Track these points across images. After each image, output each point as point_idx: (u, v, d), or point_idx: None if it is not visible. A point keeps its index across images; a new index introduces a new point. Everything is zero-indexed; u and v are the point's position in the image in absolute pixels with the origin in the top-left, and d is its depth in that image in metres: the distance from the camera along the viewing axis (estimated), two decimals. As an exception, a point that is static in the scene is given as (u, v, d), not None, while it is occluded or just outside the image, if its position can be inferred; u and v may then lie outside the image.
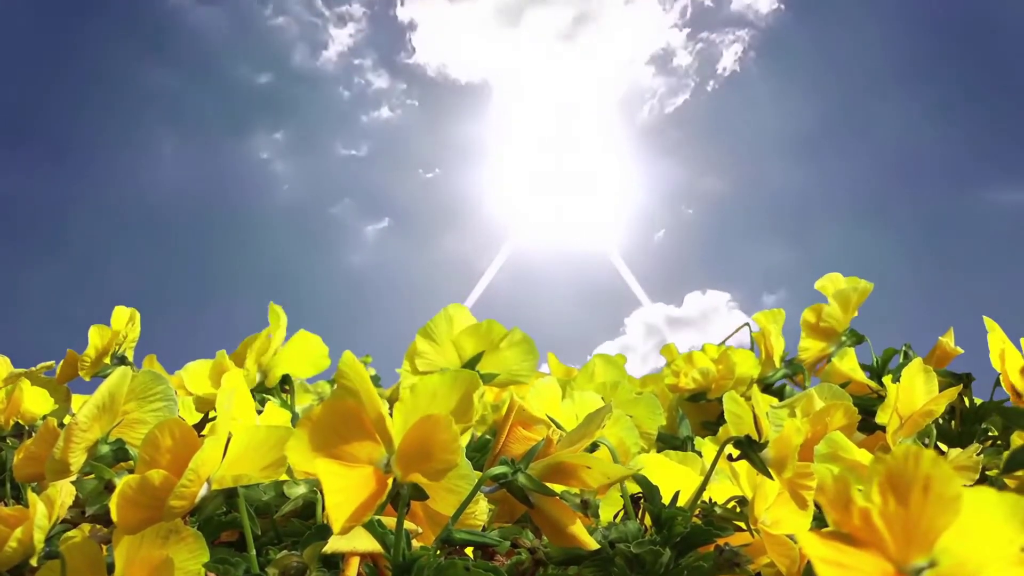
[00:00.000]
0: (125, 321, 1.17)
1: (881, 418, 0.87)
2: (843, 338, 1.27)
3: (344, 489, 0.57)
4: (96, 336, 1.14)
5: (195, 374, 1.19)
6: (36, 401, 1.10)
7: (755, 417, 0.72)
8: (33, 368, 1.18)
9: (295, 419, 1.06)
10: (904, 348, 1.22)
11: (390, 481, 0.59)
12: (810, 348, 1.28)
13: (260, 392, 1.22)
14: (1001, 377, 0.92)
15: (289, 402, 1.20)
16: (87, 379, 1.15)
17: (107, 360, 1.15)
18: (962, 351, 1.20)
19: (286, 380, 1.23)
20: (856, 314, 1.28)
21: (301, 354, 1.25)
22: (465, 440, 0.87)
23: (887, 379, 0.91)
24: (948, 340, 1.21)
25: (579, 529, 0.68)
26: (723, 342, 1.39)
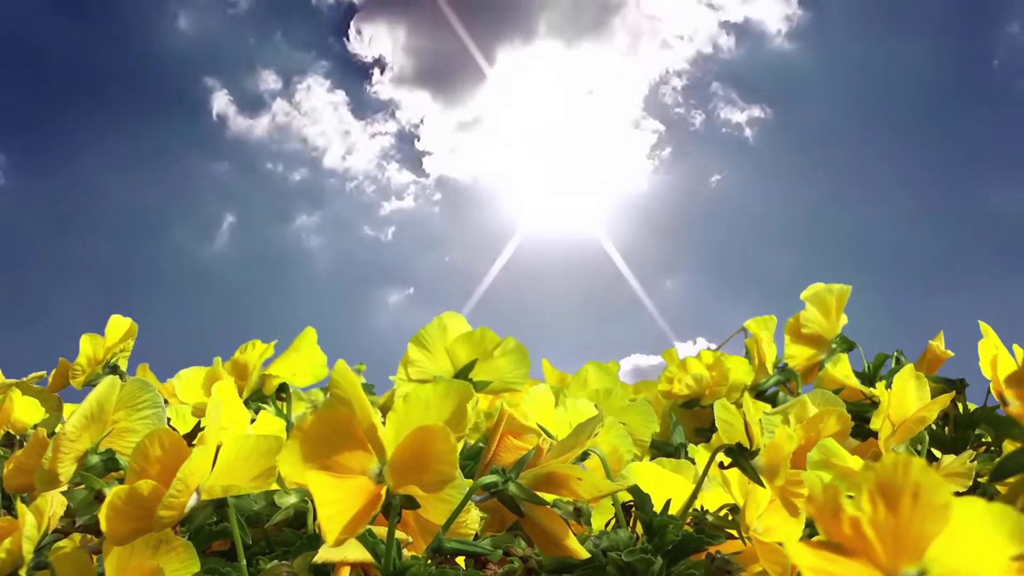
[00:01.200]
0: (121, 331, 1.17)
1: (874, 425, 0.87)
2: (833, 345, 1.27)
3: (337, 501, 0.57)
4: (88, 345, 1.13)
5: (188, 382, 1.19)
6: (26, 410, 1.10)
7: (746, 424, 0.72)
8: (24, 378, 1.18)
9: (291, 428, 1.05)
10: (896, 354, 1.22)
11: (383, 492, 0.59)
12: (796, 355, 1.28)
13: (256, 400, 1.22)
14: (991, 384, 0.92)
15: (285, 410, 1.20)
16: (78, 388, 1.15)
17: (99, 369, 1.14)
18: (952, 354, 1.20)
19: (283, 388, 1.23)
20: (845, 320, 1.27)
21: (299, 363, 1.25)
22: (458, 448, 0.87)
23: (880, 385, 0.91)
24: (938, 344, 1.21)
25: (570, 538, 0.68)
26: (717, 348, 1.39)
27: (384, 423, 0.60)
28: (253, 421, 0.88)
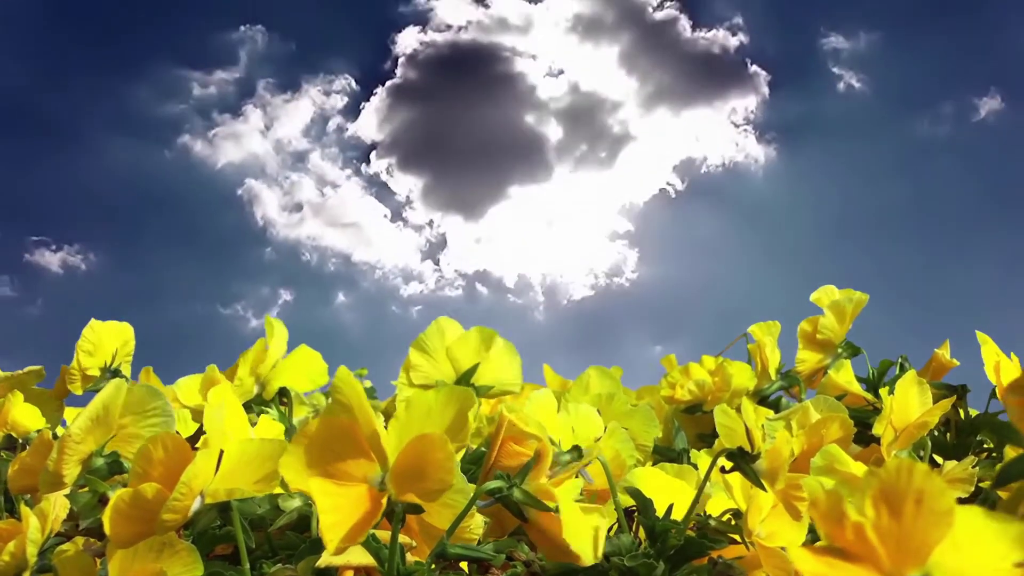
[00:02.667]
0: (118, 336, 1.17)
1: (877, 430, 0.87)
2: (839, 350, 1.27)
3: (338, 508, 0.57)
4: (84, 350, 1.14)
5: (188, 388, 1.19)
6: (27, 413, 1.10)
7: (747, 429, 0.72)
8: (20, 372, 1.17)
9: (292, 432, 1.05)
10: (900, 360, 1.22)
11: (384, 500, 0.59)
12: (807, 360, 1.28)
13: (258, 404, 1.22)
14: (997, 389, 0.92)
15: (287, 415, 1.20)
16: (79, 393, 1.15)
17: (96, 373, 1.15)
18: (958, 363, 1.20)
19: (284, 393, 1.23)
20: (850, 326, 1.28)
21: (300, 368, 1.25)
22: (460, 455, 0.87)
23: (883, 391, 0.91)
24: (944, 352, 1.21)
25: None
26: (720, 354, 1.39)
27: (387, 429, 0.60)
28: (254, 425, 0.89)
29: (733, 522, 0.78)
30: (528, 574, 0.71)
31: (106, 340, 1.17)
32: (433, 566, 0.65)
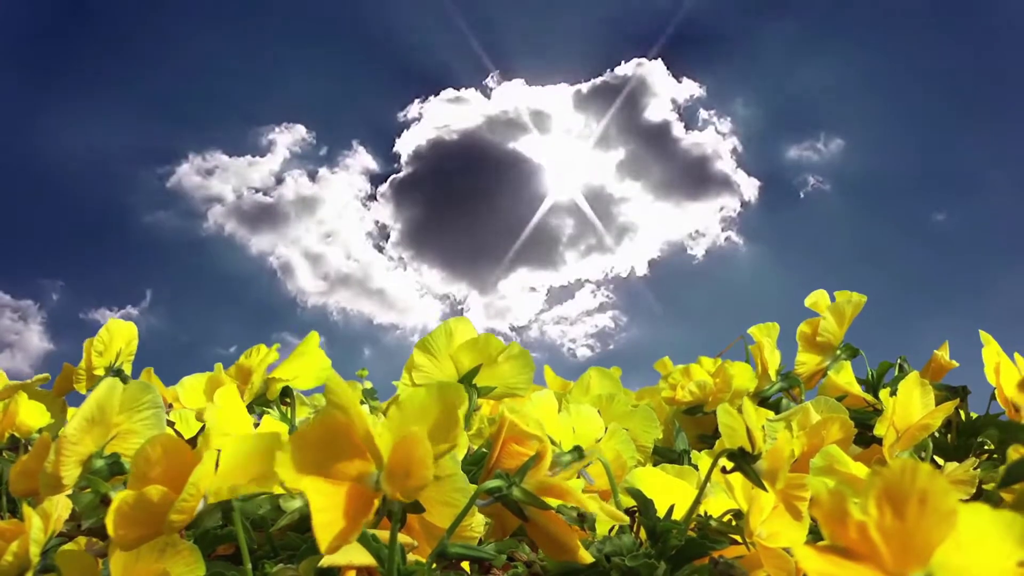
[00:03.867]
0: (124, 335, 1.17)
1: (878, 431, 0.87)
2: (838, 352, 1.27)
3: (331, 507, 0.56)
4: (91, 350, 1.14)
5: (191, 388, 1.19)
6: (31, 414, 1.10)
7: (748, 429, 0.72)
8: (29, 380, 1.18)
9: (294, 432, 1.05)
10: (899, 361, 1.23)
11: (377, 500, 0.58)
12: (807, 362, 1.28)
13: (260, 405, 1.22)
14: (996, 391, 0.93)
15: (289, 415, 1.20)
16: (83, 392, 1.15)
17: (102, 373, 1.15)
18: (957, 364, 1.20)
19: (287, 393, 1.23)
20: (847, 327, 1.28)
21: (303, 367, 1.25)
22: (462, 453, 0.87)
23: (884, 392, 0.91)
24: (943, 353, 1.22)
25: (574, 543, 0.68)
26: (719, 355, 1.39)
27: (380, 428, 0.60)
28: (257, 426, 0.89)
29: (734, 522, 0.78)
30: (529, 574, 0.71)
31: (116, 339, 1.17)
32: (434, 566, 0.65)
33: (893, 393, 0.87)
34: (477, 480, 0.82)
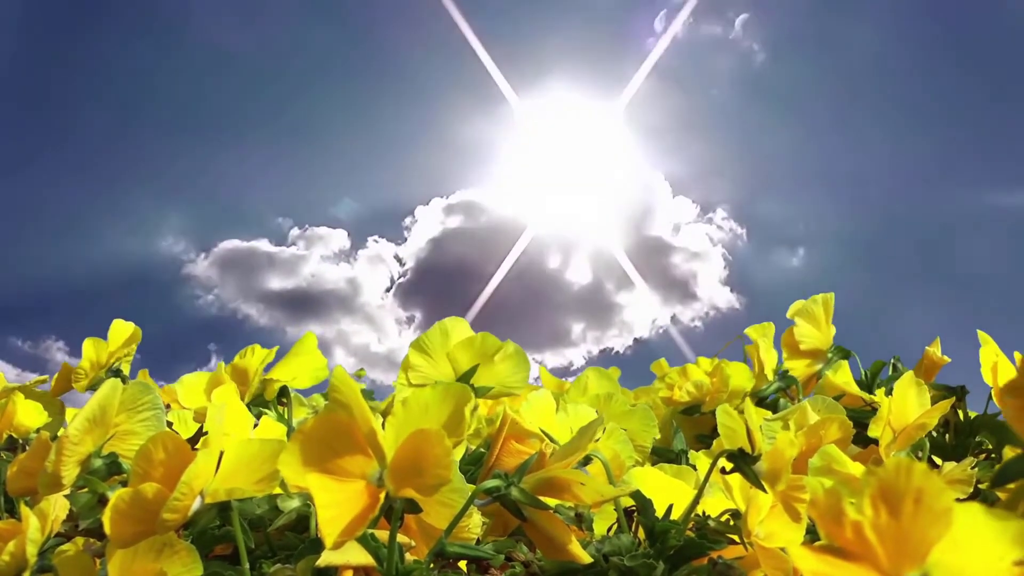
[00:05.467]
0: (123, 336, 1.17)
1: (873, 431, 0.87)
2: (829, 355, 1.28)
3: (336, 504, 0.57)
4: (91, 349, 1.14)
5: (190, 388, 1.19)
6: (29, 414, 1.10)
7: (748, 430, 0.72)
8: (27, 383, 1.18)
9: (291, 432, 1.05)
10: (893, 361, 1.23)
11: (382, 496, 0.59)
12: (795, 368, 1.29)
13: (257, 405, 1.21)
14: (993, 391, 0.92)
15: (286, 415, 1.20)
16: (81, 392, 1.15)
17: (102, 374, 1.15)
18: (949, 360, 1.20)
19: (284, 393, 1.22)
20: (833, 329, 1.28)
21: (299, 367, 1.25)
22: (459, 453, 0.87)
23: (880, 392, 0.91)
24: (935, 350, 1.22)
25: (573, 543, 0.68)
26: (717, 354, 1.39)
27: (384, 427, 0.60)
28: (255, 426, 0.89)
29: (732, 523, 0.78)
30: (527, 574, 0.71)
31: (115, 339, 1.17)
32: (432, 565, 0.65)
33: (889, 393, 0.87)
34: (475, 480, 0.83)
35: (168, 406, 1.24)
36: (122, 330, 1.18)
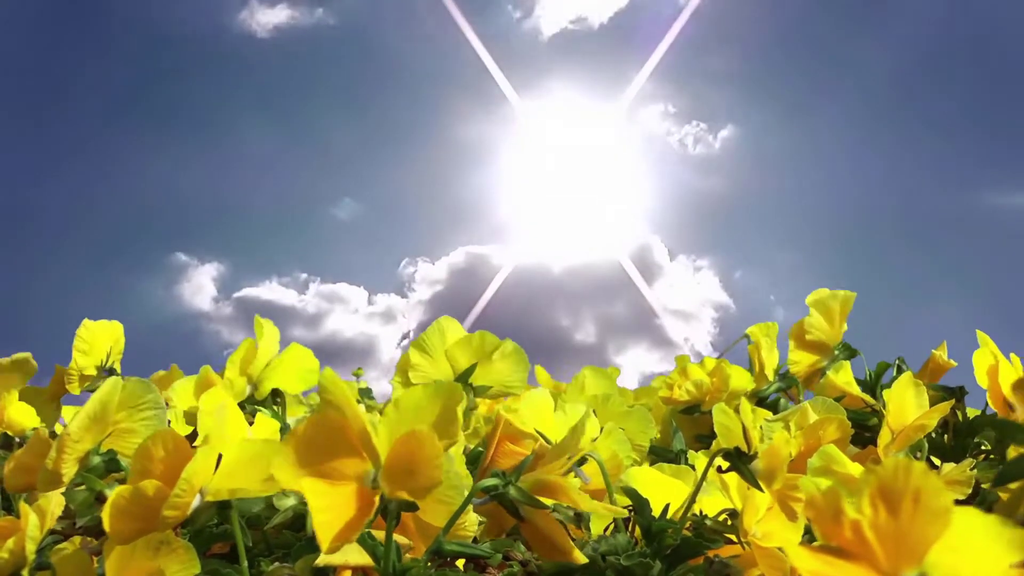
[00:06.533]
0: (108, 335, 1.17)
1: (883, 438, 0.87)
2: (836, 352, 1.27)
3: (331, 507, 0.56)
4: (80, 350, 1.14)
5: (181, 389, 1.18)
6: (21, 411, 1.09)
7: (744, 429, 0.72)
8: (4, 359, 1.16)
9: (285, 431, 1.05)
10: (897, 362, 1.22)
11: (377, 498, 0.58)
12: (799, 361, 1.28)
13: (251, 404, 1.21)
14: (988, 393, 0.92)
15: (280, 415, 1.20)
16: (76, 393, 1.15)
17: (93, 372, 1.15)
18: (955, 364, 1.20)
19: (277, 393, 1.22)
20: (846, 327, 1.27)
21: (291, 368, 1.24)
22: (457, 452, 0.87)
23: (887, 394, 0.91)
24: (941, 353, 1.21)
25: (569, 542, 0.68)
26: (721, 355, 1.39)
27: (377, 427, 0.60)
28: (251, 424, 0.88)
29: (729, 522, 0.78)
30: (524, 573, 0.71)
31: (99, 339, 1.17)
32: (429, 564, 0.65)
33: (891, 394, 0.87)
34: (472, 479, 0.82)
35: (166, 403, 1.24)
36: (108, 330, 1.18)
